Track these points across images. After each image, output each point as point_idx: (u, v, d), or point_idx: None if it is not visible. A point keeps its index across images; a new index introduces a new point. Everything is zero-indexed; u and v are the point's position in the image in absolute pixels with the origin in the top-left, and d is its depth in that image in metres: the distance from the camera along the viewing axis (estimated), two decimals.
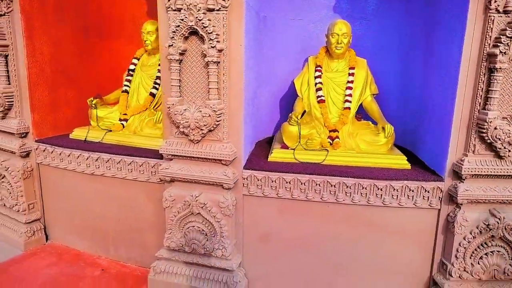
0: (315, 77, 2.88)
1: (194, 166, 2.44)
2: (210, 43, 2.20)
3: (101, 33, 3.60)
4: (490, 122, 2.01)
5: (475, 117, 2.10)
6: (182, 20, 2.21)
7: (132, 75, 3.28)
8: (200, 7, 2.16)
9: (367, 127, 2.72)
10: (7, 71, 2.88)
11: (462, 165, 2.13)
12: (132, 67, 3.30)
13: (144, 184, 2.71)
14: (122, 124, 3.07)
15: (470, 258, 2.24)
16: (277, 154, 2.64)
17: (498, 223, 2.14)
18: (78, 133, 3.13)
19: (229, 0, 2.19)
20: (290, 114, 2.63)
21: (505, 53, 1.93)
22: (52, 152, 2.98)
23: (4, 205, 3.13)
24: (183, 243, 2.52)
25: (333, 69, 2.92)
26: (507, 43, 1.92)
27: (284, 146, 2.67)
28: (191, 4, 2.17)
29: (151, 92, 3.18)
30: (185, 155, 2.42)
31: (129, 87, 3.26)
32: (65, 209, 3.06)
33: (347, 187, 2.33)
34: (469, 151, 2.15)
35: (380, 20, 3.10)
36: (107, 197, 2.85)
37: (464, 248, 2.21)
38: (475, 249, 2.23)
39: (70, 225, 3.08)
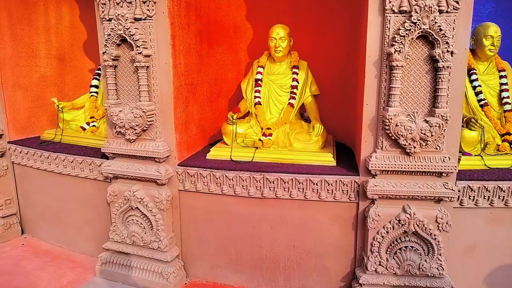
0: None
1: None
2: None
3: (210, 39, 3.08)
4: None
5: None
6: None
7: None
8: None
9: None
10: (148, 85, 2.46)
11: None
12: (259, 76, 3.01)
13: (328, 204, 2.43)
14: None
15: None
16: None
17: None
18: (217, 153, 2.76)
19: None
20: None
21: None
22: (206, 177, 2.58)
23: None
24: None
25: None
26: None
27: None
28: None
29: (290, 103, 2.92)
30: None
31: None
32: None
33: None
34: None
35: None
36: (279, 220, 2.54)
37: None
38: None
39: None
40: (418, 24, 1.94)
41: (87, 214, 3.04)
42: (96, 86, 3.52)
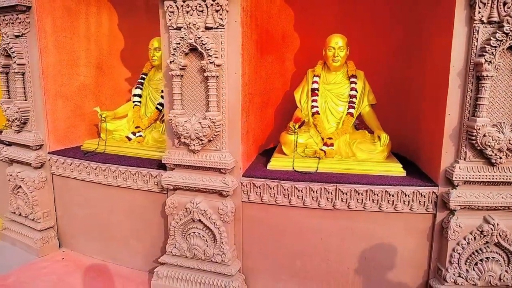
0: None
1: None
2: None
3: (262, 48, 2.99)
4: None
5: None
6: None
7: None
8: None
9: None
10: (211, 95, 2.36)
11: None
12: (315, 85, 3.01)
13: (404, 216, 2.37)
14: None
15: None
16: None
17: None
18: (277, 163, 2.72)
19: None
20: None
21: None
22: (273, 188, 2.52)
23: None
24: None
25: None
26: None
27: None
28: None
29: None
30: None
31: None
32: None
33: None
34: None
35: None
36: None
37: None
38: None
39: None
40: (510, 35, 1.94)
41: (136, 227, 2.94)
42: (139, 95, 3.44)
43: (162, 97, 3.31)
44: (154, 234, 2.86)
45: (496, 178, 2.15)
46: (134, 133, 3.24)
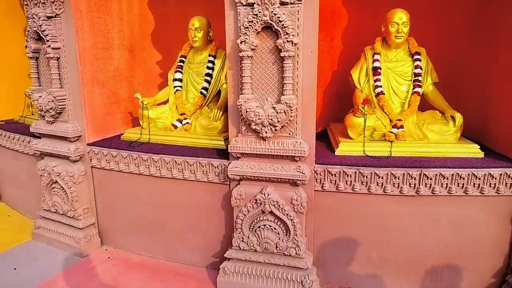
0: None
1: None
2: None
3: None
4: None
5: None
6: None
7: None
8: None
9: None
10: (286, 77, 2.17)
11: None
12: (377, 64, 2.86)
13: (489, 199, 2.28)
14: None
15: None
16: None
17: None
18: (346, 148, 2.61)
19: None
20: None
21: None
22: (350, 175, 2.39)
23: None
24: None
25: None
26: None
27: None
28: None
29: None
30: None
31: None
32: None
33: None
34: None
35: None
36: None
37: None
38: None
39: None
40: None
41: (193, 221, 2.76)
42: (180, 80, 3.21)
43: (206, 80, 3.11)
44: (214, 228, 2.70)
45: None
46: (180, 121, 3.02)
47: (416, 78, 2.77)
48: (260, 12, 2.14)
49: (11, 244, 3.17)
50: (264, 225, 2.45)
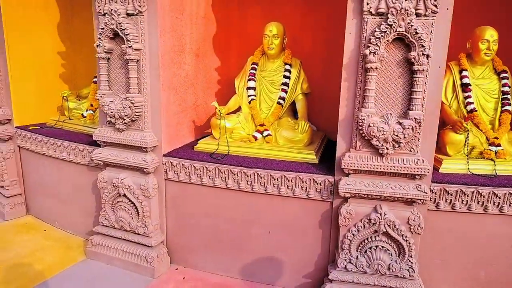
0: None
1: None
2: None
3: None
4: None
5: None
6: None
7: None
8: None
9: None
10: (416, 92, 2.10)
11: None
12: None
13: None
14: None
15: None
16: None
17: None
18: None
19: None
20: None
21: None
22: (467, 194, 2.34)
23: None
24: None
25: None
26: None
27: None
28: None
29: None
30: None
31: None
32: None
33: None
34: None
35: None
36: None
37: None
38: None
39: None
40: None
41: (282, 239, 2.60)
42: (254, 88, 3.04)
43: (283, 90, 2.98)
44: (308, 247, 2.55)
45: None
46: (260, 132, 2.84)
47: (505, 96, 2.76)
48: (395, 22, 2.03)
49: (63, 264, 2.85)
50: (377, 246, 2.33)
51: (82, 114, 3.52)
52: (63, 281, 2.63)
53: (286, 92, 2.97)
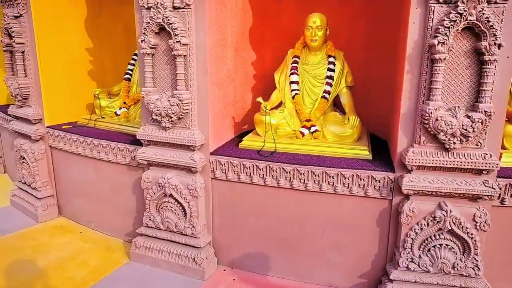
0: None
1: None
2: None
3: None
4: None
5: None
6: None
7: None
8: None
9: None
10: (486, 83, 2.03)
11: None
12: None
13: None
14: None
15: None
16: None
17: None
18: None
19: None
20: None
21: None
22: None
23: None
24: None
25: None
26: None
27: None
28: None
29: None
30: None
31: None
32: None
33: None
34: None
35: None
36: None
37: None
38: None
39: None
40: None
41: (336, 238, 2.52)
42: (297, 83, 2.96)
43: (328, 83, 2.90)
44: (364, 246, 2.47)
45: None
46: (307, 127, 2.76)
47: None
48: (466, 11, 1.93)
49: (108, 267, 2.78)
50: (441, 244, 2.25)
51: (115, 112, 3.42)
52: (112, 285, 2.56)
53: (331, 85, 2.88)
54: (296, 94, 2.90)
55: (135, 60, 3.57)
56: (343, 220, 2.48)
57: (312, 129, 2.74)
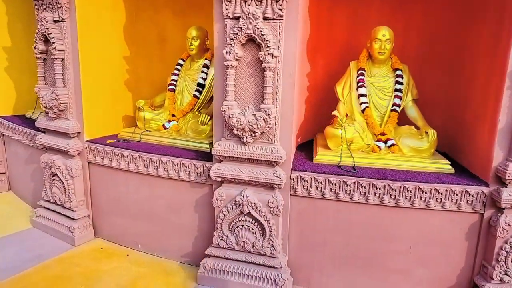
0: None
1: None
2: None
3: None
4: None
5: None
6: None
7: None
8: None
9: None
10: None
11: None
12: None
13: None
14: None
15: None
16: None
17: None
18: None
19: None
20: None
21: None
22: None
23: None
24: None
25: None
26: None
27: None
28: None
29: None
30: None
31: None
32: None
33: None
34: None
35: None
36: None
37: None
38: None
39: None
40: None
41: (422, 254, 2.49)
42: (366, 95, 2.92)
43: (396, 96, 2.87)
44: (452, 262, 2.47)
45: None
46: (382, 141, 2.73)
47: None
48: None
49: None
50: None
51: (163, 125, 3.22)
52: None
53: (400, 98, 2.88)
54: (366, 107, 2.87)
55: (178, 70, 3.39)
56: (431, 236, 2.46)
57: (389, 142, 2.72)
